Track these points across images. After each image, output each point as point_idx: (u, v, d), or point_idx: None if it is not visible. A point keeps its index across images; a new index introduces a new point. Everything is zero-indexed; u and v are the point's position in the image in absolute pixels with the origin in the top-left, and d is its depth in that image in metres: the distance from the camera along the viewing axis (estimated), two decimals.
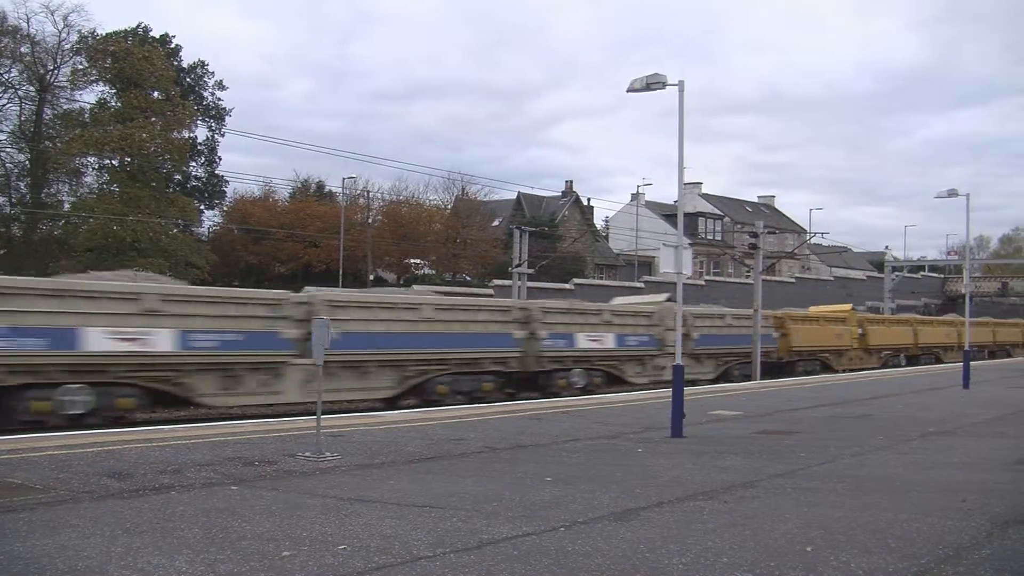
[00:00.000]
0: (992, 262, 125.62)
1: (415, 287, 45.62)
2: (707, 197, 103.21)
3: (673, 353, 19.56)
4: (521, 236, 58.80)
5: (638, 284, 70.90)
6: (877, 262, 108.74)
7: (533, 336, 30.08)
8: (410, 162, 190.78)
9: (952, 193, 34.98)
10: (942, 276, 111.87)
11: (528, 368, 30.20)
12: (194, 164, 70.57)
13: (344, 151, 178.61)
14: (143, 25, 66.89)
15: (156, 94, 60.96)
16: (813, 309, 53.14)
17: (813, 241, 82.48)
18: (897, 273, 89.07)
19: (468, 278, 73.53)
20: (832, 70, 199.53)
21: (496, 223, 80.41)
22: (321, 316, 16.72)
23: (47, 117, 63.66)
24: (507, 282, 59.48)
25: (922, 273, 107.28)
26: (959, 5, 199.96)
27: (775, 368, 43.05)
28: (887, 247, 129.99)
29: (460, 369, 27.86)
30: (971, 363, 35.95)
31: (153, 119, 59.78)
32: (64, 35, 62.85)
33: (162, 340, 21.13)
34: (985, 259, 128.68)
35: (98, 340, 20.11)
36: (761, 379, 38.90)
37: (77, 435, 16.44)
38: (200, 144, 70.44)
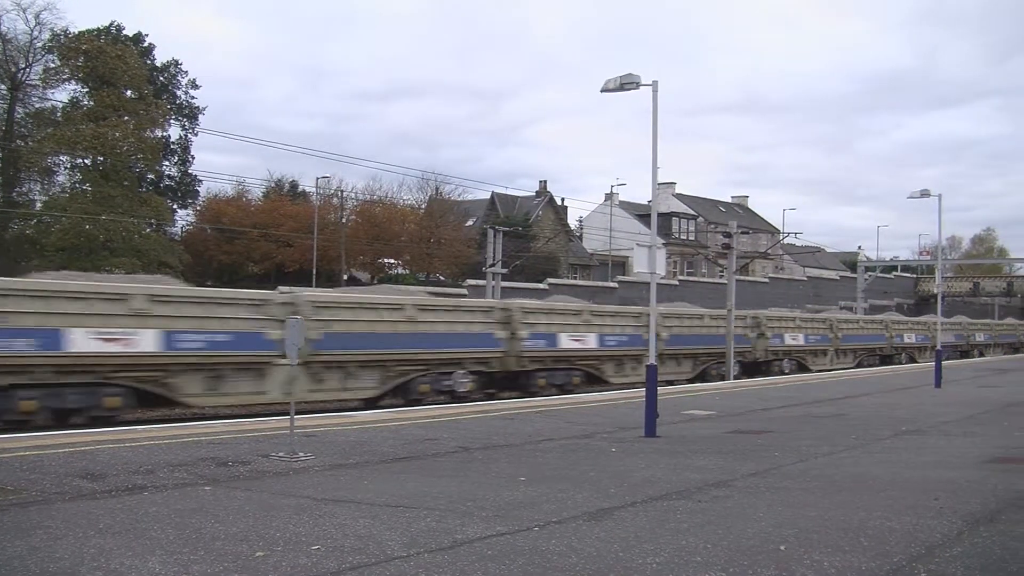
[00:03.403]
0: (964, 262, 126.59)
1: (387, 286, 45.45)
2: (681, 197, 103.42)
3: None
4: (495, 236, 58.78)
5: (612, 284, 71.02)
6: (850, 262, 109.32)
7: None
8: (386, 162, 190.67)
9: (925, 193, 35.23)
10: (915, 276, 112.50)
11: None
12: (167, 163, 70.31)
13: (320, 151, 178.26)
14: (116, 24, 66.69)
15: (129, 93, 60.65)
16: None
17: (786, 241, 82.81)
18: (870, 273, 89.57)
19: (442, 278, 73.45)
20: (809, 71, 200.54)
21: (470, 223, 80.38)
22: (296, 316, 16.61)
23: (19, 116, 63.26)
24: (481, 282, 59.45)
25: (895, 273, 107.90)
26: (936, 7, 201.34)
27: (752, 367, 43.53)
28: (860, 247, 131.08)
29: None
30: (943, 363, 36.17)
31: (126, 118, 59.48)
32: (36, 33, 62.58)
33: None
34: (957, 259, 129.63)
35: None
36: (736, 379, 39.17)
37: (49, 436, 16.33)
38: (173, 143, 70.19)
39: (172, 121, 67.82)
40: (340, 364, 25.17)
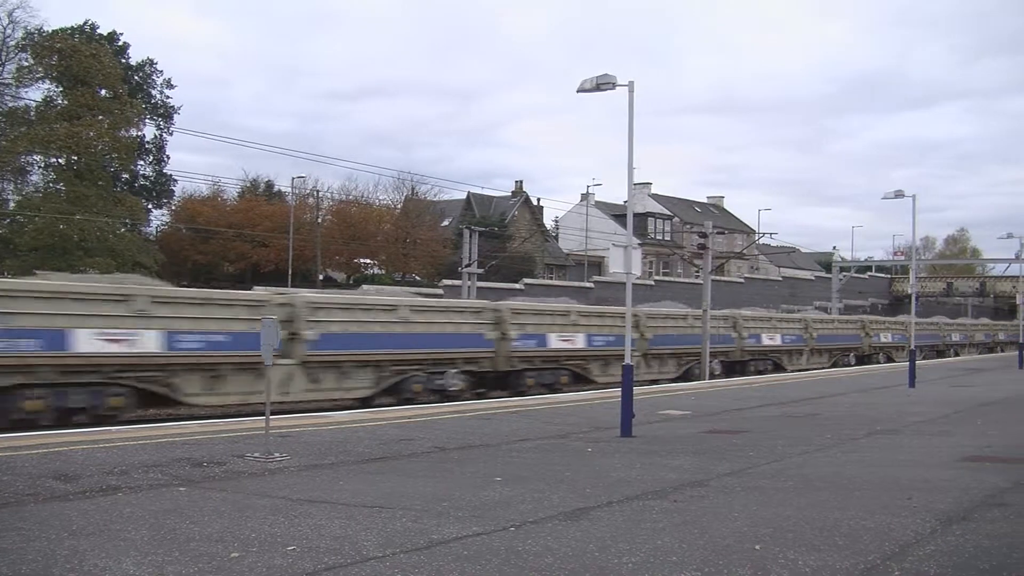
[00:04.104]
0: (937, 262, 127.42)
1: (370, 286, 45.44)
2: (657, 197, 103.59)
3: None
4: (471, 236, 58.75)
5: (588, 284, 71.08)
6: (825, 262, 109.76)
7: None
8: (361, 162, 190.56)
9: (899, 194, 35.44)
10: (889, 276, 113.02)
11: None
12: (142, 163, 69.99)
13: (295, 150, 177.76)
14: (90, 23, 66.36)
15: (103, 92, 60.26)
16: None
17: (762, 241, 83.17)
18: (844, 273, 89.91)
19: (418, 278, 73.32)
20: (784, 72, 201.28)
21: (446, 223, 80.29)
22: (270, 317, 16.56)
23: None
24: (457, 282, 59.44)
25: (869, 273, 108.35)
26: (909, 10, 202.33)
27: (729, 367, 44.18)
28: (835, 248, 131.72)
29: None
30: (916, 363, 36.36)
31: (100, 117, 59.08)
32: (9, 31, 62.31)
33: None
34: (931, 259, 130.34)
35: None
36: (717, 378, 39.57)
37: (22, 436, 16.21)
38: (148, 143, 69.88)
39: (147, 121, 67.48)
40: (336, 364, 25.57)
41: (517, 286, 64.15)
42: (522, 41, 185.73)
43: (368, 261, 77.71)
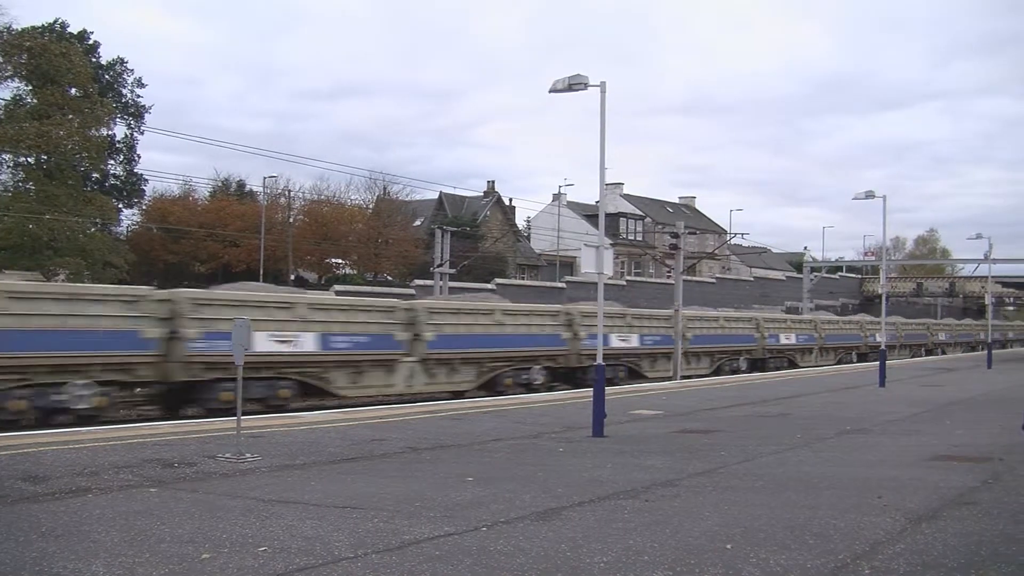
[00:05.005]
0: (908, 263, 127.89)
1: (336, 287, 45.42)
2: (628, 198, 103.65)
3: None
4: (443, 236, 58.65)
5: (560, 284, 71.08)
6: (796, 263, 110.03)
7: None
8: (335, 162, 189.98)
9: (869, 195, 35.69)
10: (860, 276, 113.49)
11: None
12: (112, 162, 69.44)
13: (268, 150, 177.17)
14: (60, 21, 65.86)
15: (74, 91, 59.74)
16: None
17: (733, 242, 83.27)
18: (815, 274, 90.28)
19: (389, 278, 73.21)
20: (758, 72, 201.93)
21: (418, 223, 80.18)
22: (242, 318, 16.49)
23: None
24: (429, 282, 59.27)
25: (840, 274, 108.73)
26: (882, 11, 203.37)
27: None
28: (806, 248, 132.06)
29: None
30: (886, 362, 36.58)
31: (70, 116, 58.54)
32: None
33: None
34: (901, 260, 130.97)
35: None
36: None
37: None
38: (119, 142, 69.34)
39: (117, 120, 66.95)
40: (447, 361, 29.57)
41: (489, 287, 64.01)
42: (496, 41, 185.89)
43: (340, 261, 77.49)
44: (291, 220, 74.02)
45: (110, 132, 65.73)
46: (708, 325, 45.45)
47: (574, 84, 18.55)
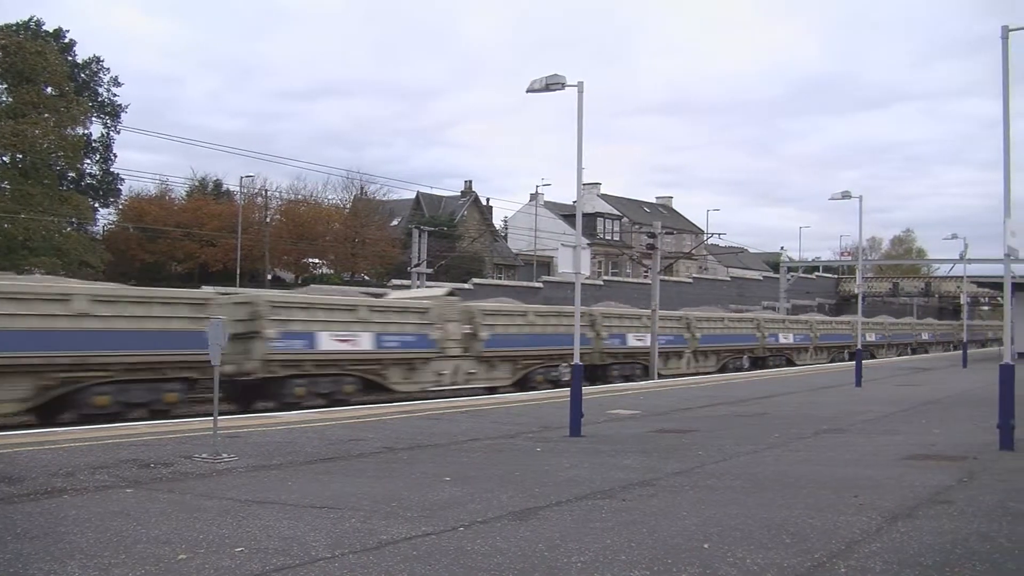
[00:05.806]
0: (884, 263, 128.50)
1: (313, 286, 45.35)
2: (606, 198, 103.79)
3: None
4: (420, 236, 58.67)
5: (537, 284, 71.09)
6: (773, 263, 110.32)
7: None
8: (312, 161, 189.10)
9: (846, 195, 35.83)
10: (836, 276, 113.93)
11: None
12: (88, 161, 69.05)
13: (245, 150, 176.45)
14: (36, 19, 65.49)
15: (49, 90, 59.45)
16: None
17: (710, 242, 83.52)
18: (792, 273, 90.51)
19: (366, 278, 73.04)
20: (736, 73, 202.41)
21: (395, 223, 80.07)
22: (218, 317, 16.45)
23: None
24: (406, 282, 59.20)
25: (816, 274, 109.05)
26: (862, 12, 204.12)
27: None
28: (783, 248, 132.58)
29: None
30: (863, 362, 36.75)
31: (46, 115, 58.26)
32: None
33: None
34: (877, 260, 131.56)
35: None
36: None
37: None
38: (95, 141, 68.97)
39: (93, 119, 66.61)
40: (488, 359, 32.12)
41: (466, 286, 64.01)
42: (474, 41, 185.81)
43: (317, 261, 77.31)
44: (268, 220, 73.77)
45: (86, 131, 65.41)
46: (715, 325, 48.65)
47: (551, 84, 18.54)
